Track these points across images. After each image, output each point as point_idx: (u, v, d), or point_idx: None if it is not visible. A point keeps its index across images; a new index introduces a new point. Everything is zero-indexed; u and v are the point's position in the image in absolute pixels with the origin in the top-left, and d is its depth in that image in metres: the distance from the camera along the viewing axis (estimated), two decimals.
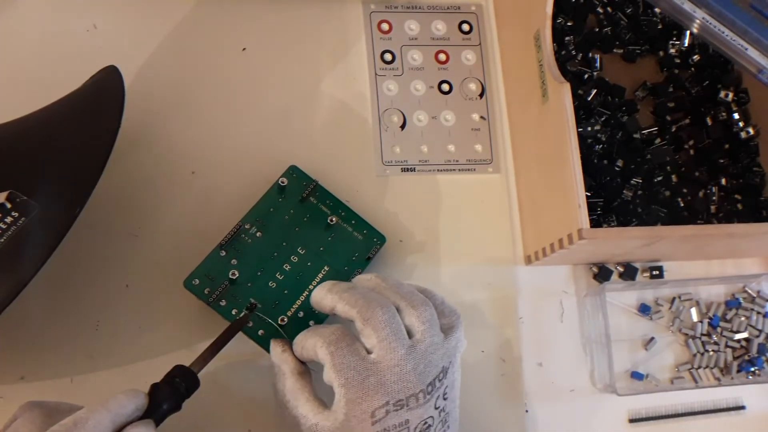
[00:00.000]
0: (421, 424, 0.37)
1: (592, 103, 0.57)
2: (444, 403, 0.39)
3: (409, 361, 0.36)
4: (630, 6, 0.60)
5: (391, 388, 0.36)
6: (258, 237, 0.47)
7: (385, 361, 0.36)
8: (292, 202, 0.49)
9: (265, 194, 0.49)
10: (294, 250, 0.47)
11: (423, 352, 0.37)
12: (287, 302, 0.46)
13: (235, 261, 0.46)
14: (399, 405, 0.36)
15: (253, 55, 0.55)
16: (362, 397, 0.36)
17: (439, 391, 0.38)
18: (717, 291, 0.56)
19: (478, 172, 0.55)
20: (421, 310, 0.38)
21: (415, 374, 0.36)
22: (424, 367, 0.37)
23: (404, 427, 0.37)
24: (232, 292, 0.46)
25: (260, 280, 0.46)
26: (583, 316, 0.53)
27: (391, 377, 0.36)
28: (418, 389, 0.37)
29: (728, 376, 0.54)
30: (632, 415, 0.52)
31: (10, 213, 0.36)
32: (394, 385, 0.36)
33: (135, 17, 0.54)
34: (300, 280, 0.47)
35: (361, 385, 0.36)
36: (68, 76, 0.47)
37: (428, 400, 0.37)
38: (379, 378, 0.36)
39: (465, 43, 0.58)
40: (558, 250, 0.47)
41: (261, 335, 0.45)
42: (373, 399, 0.36)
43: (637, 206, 0.55)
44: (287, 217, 0.48)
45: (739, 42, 0.48)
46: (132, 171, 0.50)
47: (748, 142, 0.58)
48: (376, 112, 0.55)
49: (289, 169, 0.50)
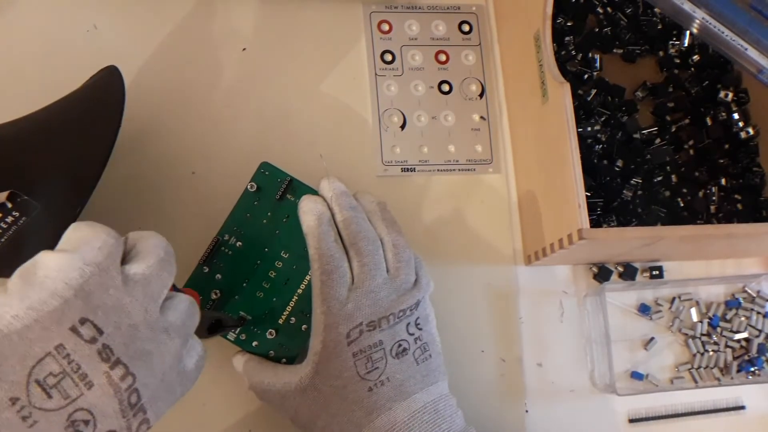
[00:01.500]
0: (396, 346, 0.40)
1: (592, 103, 0.57)
2: (419, 332, 0.42)
3: (383, 288, 0.40)
4: (630, 6, 0.60)
5: (365, 312, 0.40)
6: (239, 247, 0.46)
7: (363, 287, 0.40)
8: (269, 203, 0.46)
9: (239, 201, 0.46)
10: (277, 255, 0.46)
11: (397, 286, 0.41)
12: (278, 310, 0.45)
13: (219, 276, 0.45)
14: (371, 326, 0.40)
15: (253, 55, 0.55)
16: (338, 321, 0.39)
17: (410, 319, 0.41)
18: (717, 291, 0.56)
19: (478, 172, 0.55)
20: (401, 249, 0.42)
21: (387, 301, 0.40)
22: (397, 297, 0.41)
23: (379, 347, 0.40)
24: (221, 308, 0.45)
25: (247, 291, 0.45)
26: (583, 316, 0.54)
27: (366, 301, 0.40)
28: (388, 312, 0.40)
29: (728, 376, 0.54)
30: (632, 415, 0.52)
31: (10, 213, 0.36)
32: (367, 309, 0.40)
33: (135, 17, 0.54)
34: (288, 285, 0.45)
35: (340, 312, 0.39)
36: (68, 76, 0.47)
37: (398, 322, 0.41)
38: (356, 303, 0.40)
39: (465, 43, 0.58)
40: (558, 250, 0.47)
41: (255, 346, 0.45)
42: (348, 321, 0.39)
43: (637, 206, 0.55)
44: (265, 221, 0.46)
45: (739, 42, 0.48)
46: (132, 171, 0.50)
47: (748, 142, 0.58)
48: (376, 112, 0.55)
49: (260, 167, 0.47)
